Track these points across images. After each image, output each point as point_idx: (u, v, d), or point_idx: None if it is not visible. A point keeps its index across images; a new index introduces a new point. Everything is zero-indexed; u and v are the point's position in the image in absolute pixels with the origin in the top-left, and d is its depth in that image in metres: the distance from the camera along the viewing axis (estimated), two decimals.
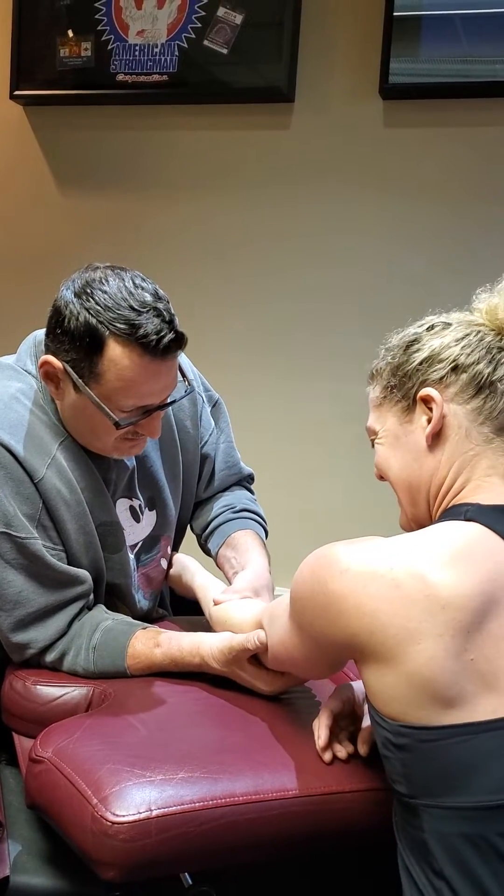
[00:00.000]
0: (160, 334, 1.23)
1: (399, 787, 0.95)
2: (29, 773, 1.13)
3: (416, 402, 1.08)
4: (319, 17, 2.44)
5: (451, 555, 0.94)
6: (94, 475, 1.36)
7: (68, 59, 2.60)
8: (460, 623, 0.90)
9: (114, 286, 1.25)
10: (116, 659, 1.30)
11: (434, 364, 1.07)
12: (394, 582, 0.92)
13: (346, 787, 1.07)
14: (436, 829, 0.91)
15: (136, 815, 0.99)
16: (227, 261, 2.60)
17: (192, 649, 1.27)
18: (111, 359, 1.24)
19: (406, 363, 1.10)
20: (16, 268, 2.77)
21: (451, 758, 0.90)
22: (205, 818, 1.01)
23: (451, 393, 1.05)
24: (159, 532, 1.51)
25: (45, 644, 1.32)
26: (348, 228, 2.48)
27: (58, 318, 1.27)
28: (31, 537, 1.28)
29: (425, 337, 1.10)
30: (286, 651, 1.10)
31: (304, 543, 1.04)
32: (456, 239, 2.39)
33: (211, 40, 2.48)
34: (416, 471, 1.09)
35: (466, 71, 2.28)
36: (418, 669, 0.90)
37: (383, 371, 1.15)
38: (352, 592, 0.94)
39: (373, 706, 0.97)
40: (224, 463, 1.62)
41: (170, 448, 1.50)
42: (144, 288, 1.26)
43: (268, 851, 1.06)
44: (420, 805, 0.92)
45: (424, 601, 0.91)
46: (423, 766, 0.92)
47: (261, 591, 1.39)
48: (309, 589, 0.99)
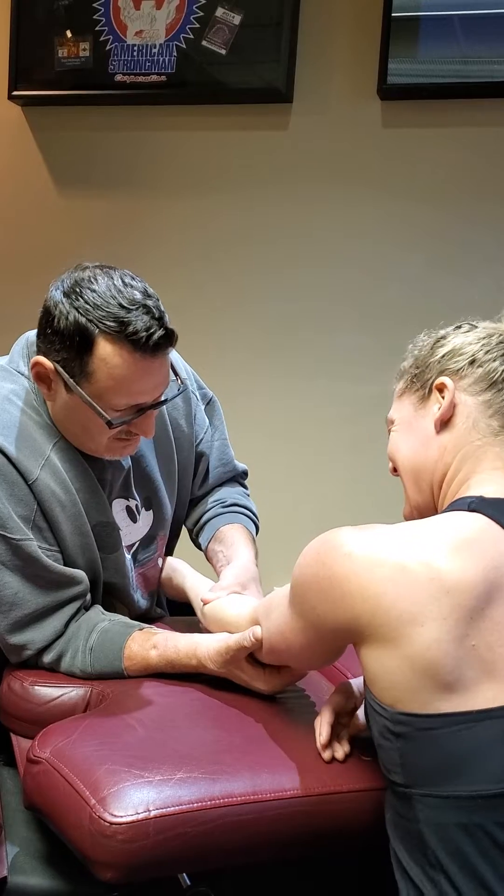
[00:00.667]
0: (150, 331, 1.23)
1: (394, 776, 0.95)
2: (27, 774, 1.13)
3: (432, 391, 1.12)
4: (318, 17, 2.43)
5: (455, 542, 0.95)
6: (90, 476, 1.36)
7: (66, 60, 2.60)
8: (464, 608, 0.91)
9: (103, 285, 1.25)
10: (113, 661, 1.30)
11: (454, 357, 1.12)
12: (399, 565, 0.93)
13: (345, 787, 1.07)
14: (432, 819, 0.91)
15: (135, 816, 0.99)
16: (225, 261, 2.60)
17: (188, 651, 1.27)
18: (101, 357, 1.24)
19: (429, 356, 1.15)
20: (14, 268, 2.77)
21: (450, 746, 0.90)
22: (203, 818, 1.00)
23: (464, 384, 1.10)
24: (156, 531, 1.51)
25: (43, 645, 1.32)
26: (347, 229, 2.48)
27: (48, 318, 1.27)
28: (27, 539, 1.28)
29: (451, 335, 1.15)
30: (284, 640, 1.10)
31: (301, 543, 1.04)
32: (454, 239, 2.39)
33: (209, 41, 2.48)
34: (422, 454, 1.12)
35: (465, 71, 2.28)
36: (420, 652, 0.91)
37: (408, 363, 1.20)
38: (356, 575, 0.95)
39: (371, 693, 0.97)
40: (218, 460, 1.62)
41: (165, 447, 1.50)
42: (133, 286, 1.26)
43: (266, 852, 1.06)
44: (416, 794, 0.93)
45: (429, 584, 0.92)
46: (421, 754, 0.92)
47: (248, 584, 1.39)
48: (312, 572, 1.00)
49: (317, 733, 1.12)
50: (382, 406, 1.20)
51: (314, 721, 1.14)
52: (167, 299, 1.30)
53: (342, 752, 1.10)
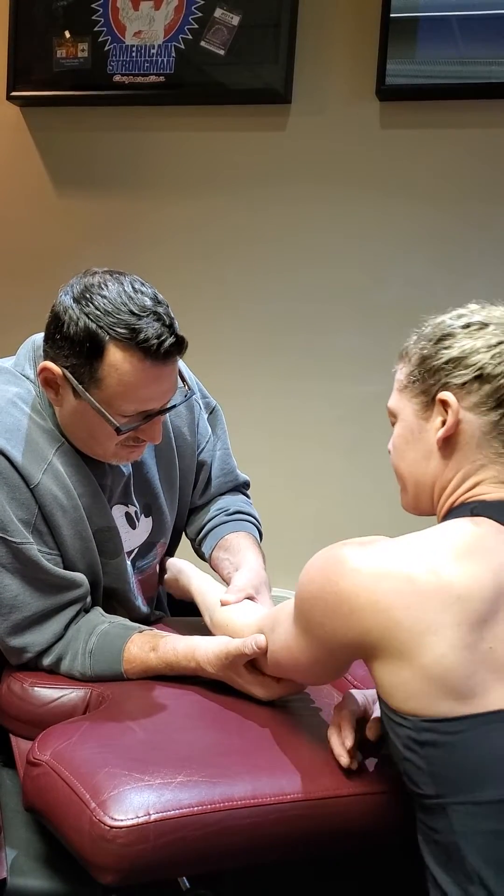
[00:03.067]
0: (161, 338, 1.23)
1: (424, 788, 0.94)
2: (27, 776, 1.13)
3: (435, 402, 1.07)
4: (316, 18, 2.43)
5: (461, 549, 0.94)
6: (92, 481, 1.36)
7: (65, 60, 2.60)
8: (475, 613, 0.91)
9: (113, 291, 1.24)
10: (113, 663, 1.30)
11: (459, 367, 1.05)
12: (407, 577, 0.93)
13: (345, 791, 1.07)
14: (467, 827, 0.90)
15: (135, 820, 0.98)
16: (224, 261, 2.60)
17: (186, 654, 1.27)
18: (112, 364, 1.24)
19: (433, 357, 1.08)
20: (12, 269, 2.77)
21: (478, 749, 0.90)
22: (203, 822, 1.00)
23: (469, 402, 1.05)
24: (155, 538, 1.51)
25: (42, 648, 1.32)
26: (345, 230, 2.48)
27: (57, 323, 1.27)
28: (27, 542, 1.28)
29: (459, 334, 1.08)
30: (291, 656, 1.09)
31: (301, 544, 1.04)
32: (453, 240, 2.40)
33: (208, 41, 2.48)
34: (423, 469, 1.10)
35: (463, 72, 2.28)
36: (435, 661, 0.90)
37: (412, 356, 1.12)
38: (364, 589, 0.94)
39: (389, 706, 0.96)
40: (220, 470, 1.62)
41: (167, 454, 1.50)
42: (144, 292, 1.26)
43: (266, 855, 1.06)
44: (449, 804, 0.92)
45: (438, 593, 0.91)
46: (450, 760, 0.91)
47: (260, 589, 1.39)
48: (318, 588, 0.98)
49: (337, 740, 1.09)
50: (382, 406, 1.19)
51: (322, 728, 1.13)
52: (166, 299, 1.29)
53: (346, 760, 1.08)
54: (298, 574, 1.04)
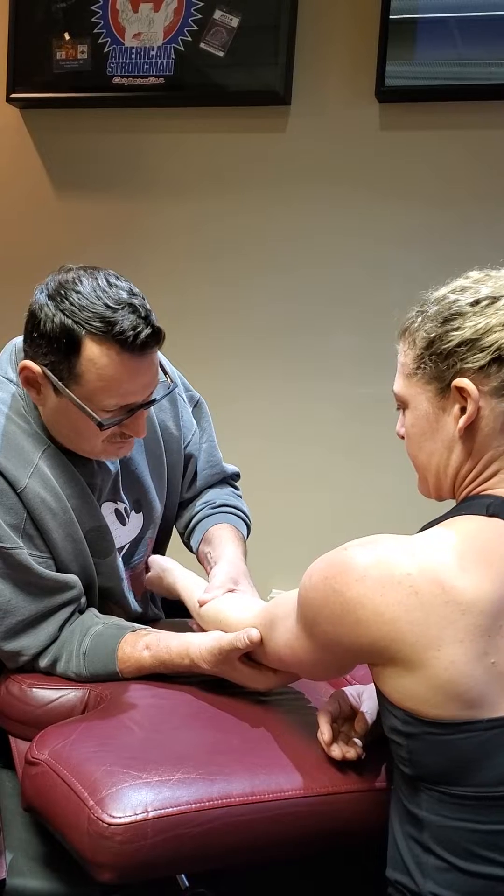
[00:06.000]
0: (136, 330, 1.23)
1: (403, 767, 0.95)
2: (25, 776, 1.13)
3: (451, 388, 1.01)
4: (315, 20, 2.44)
5: (469, 557, 0.92)
6: (79, 481, 1.35)
7: (65, 62, 2.60)
8: (480, 627, 0.89)
9: (87, 286, 1.24)
10: (108, 664, 1.30)
11: (474, 350, 0.99)
12: (412, 589, 0.91)
13: (342, 788, 1.07)
14: (433, 811, 0.91)
15: (133, 817, 0.99)
16: (223, 263, 2.60)
17: (180, 651, 1.26)
18: (89, 358, 1.23)
19: (443, 340, 1.01)
20: (11, 270, 2.77)
21: (459, 750, 0.90)
22: (201, 819, 1.01)
23: (489, 387, 0.99)
24: (145, 534, 1.51)
25: (37, 651, 1.32)
26: (345, 231, 2.48)
27: (34, 322, 1.27)
28: (17, 547, 1.28)
29: (469, 312, 1.01)
30: (294, 654, 1.08)
31: (302, 545, 1.04)
32: (452, 241, 2.40)
33: (207, 43, 2.48)
34: (444, 459, 1.05)
35: (462, 74, 2.28)
36: (439, 674, 0.89)
37: (416, 337, 1.06)
38: (370, 600, 0.92)
39: (386, 697, 0.96)
40: (206, 463, 1.62)
41: (154, 449, 1.50)
42: (118, 286, 1.26)
43: (264, 852, 1.06)
44: (423, 786, 0.92)
45: (443, 607, 0.90)
46: (429, 756, 0.92)
47: (238, 580, 1.38)
48: (322, 596, 0.97)
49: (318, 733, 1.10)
50: (382, 407, 1.18)
51: (313, 726, 1.13)
52: (166, 301, 1.29)
53: (354, 753, 1.08)
54: (299, 575, 1.03)
